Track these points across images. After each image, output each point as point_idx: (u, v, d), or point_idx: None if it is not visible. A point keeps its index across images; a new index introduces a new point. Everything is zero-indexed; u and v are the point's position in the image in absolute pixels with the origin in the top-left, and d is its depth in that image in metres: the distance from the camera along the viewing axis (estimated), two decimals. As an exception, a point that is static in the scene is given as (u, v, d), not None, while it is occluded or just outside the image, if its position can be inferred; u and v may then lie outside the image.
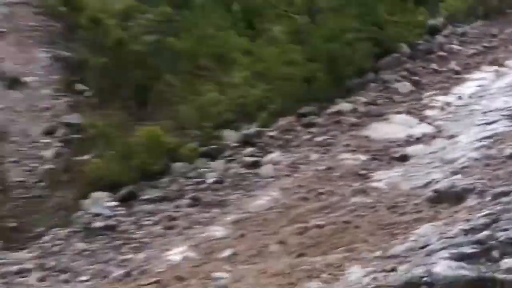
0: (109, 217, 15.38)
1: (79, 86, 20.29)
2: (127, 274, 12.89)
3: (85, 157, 17.45)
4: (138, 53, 19.76)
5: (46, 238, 15.44)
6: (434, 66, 17.89)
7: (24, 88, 20.33)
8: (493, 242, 9.48)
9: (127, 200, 15.94)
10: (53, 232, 15.56)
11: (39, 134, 18.90)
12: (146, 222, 15.00)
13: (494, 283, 8.50)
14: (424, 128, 15.24)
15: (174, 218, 14.89)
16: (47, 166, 17.88)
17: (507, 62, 16.82)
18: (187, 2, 20.79)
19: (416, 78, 17.40)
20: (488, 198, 11.41)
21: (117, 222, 15.22)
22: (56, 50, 21.60)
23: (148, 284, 11.98)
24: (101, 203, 15.88)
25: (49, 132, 18.90)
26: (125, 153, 16.67)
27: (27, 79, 20.70)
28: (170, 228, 14.51)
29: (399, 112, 16.15)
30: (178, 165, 16.45)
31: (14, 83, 20.56)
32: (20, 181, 17.60)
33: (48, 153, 18.34)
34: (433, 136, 14.85)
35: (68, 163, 17.68)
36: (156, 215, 15.14)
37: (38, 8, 23.22)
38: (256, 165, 15.78)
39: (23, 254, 14.99)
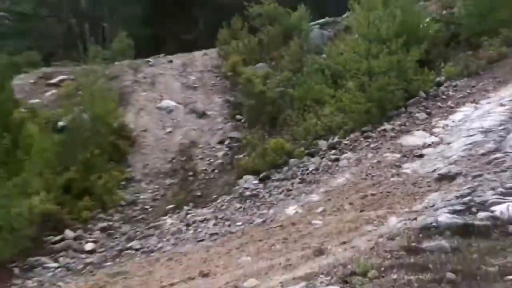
0: (254, 189, 15.63)
1: (238, 117, 20.43)
2: (263, 222, 13.09)
3: (240, 156, 17.56)
4: (271, 98, 19.83)
5: (217, 201, 15.60)
6: (438, 104, 17.68)
7: (207, 118, 20.52)
8: (473, 203, 9.39)
9: (264, 180, 16.16)
10: (221, 198, 15.70)
11: (215, 143, 18.99)
12: (274, 192, 15.16)
13: (473, 227, 8.37)
14: (432, 139, 15.14)
15: (290, 190, 15.09)
16: (219, 161, 18.03)
17: (481, 102, 16.57)
18: (299, 70, 20.79)
19: (428, 110, 17.26)
20: (470, 178, 11.27)
21: (258, 192, 15.44)
22: (225, 96, 21.73)
23: (275, 227, 12.01)
24: (249, 181, 15.98)
25: (221, 142, 19.15)
26: (262, 154, 16.78)
27: (209, 112, 20.89)
28: (288, 195, 14.69)
29: (418, 130, 16.04)
30: (292, 160, 16.62)
31: (202, 115, 20.76)
32: (203, 170, 17.72)
33: (220, 154, 18.52)
34: (438, 143, 14.71)
35: (231, 159, 17.82)
36: (280, 188, 15.32)
37: (217, 73, 23.33)
38: (337, 160, 15.89)
39: (204, 211, 15.10)
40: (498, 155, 12.01)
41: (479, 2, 21.58)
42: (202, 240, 12.67)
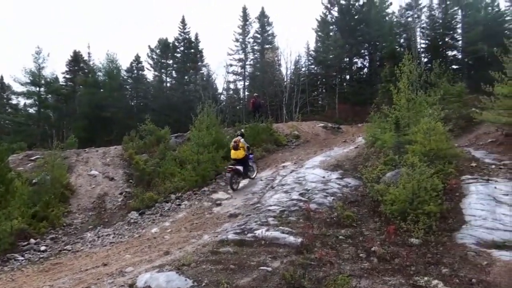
0: (135, 219, 14.47)
1: (131, 181, 19.25)
2: (139, 236, 12.30)
3: (131, 201, 16.46)
4: (148, 171, 19.00)
5: (116, 225, 14.35)
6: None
7: (114, 181, 19.38)
8: (245, 229, 9.16)
9: (141, 214, 14.88)
10: (118, 223, 14.56)
11: (118, 194, 17.75)
12: (146, 220, 14.05)
13: (245, 241, 8.16)
14: (227, 196, 14.73)
15: (154, 220, 13.86)
16: (119, 203, 16.71)
17: (261, 175, 16.34)
18: (163, 158, 20.07)
19: (226, 181, 16.87)
20: (244, 216, 11.13)
21: (137, 220, 14.28)
22: (125, 170, 20.61)
23: (145, 239, 11.40)
24: (134, 214, 14.91)
25: (120, 193, 17.58)
26: (142, 200, 15.71)
27: (116, 178, 19.69)
28: (153, 222, 13.57)
29: (220, 191, 15.63)
30: (157, 204, 15.56)
31: (112, 179, 19.42)
32: (110, 207, 16.28)
33: (119, 199, 16.97)
34: (230, 198, 14.39)
35: (125, 202, 16.62)
36: (149, 218, 14.23)
37: (121, 158, 22.23)
38: (179, 205, 15.12)
39: (108, 229, 13.96)
40: (258, 205, 11.98)
41: (251, 130, 22.11)
42: (105, 246, 11.78)
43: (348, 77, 46.50)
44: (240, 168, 15.58)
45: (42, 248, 12.48)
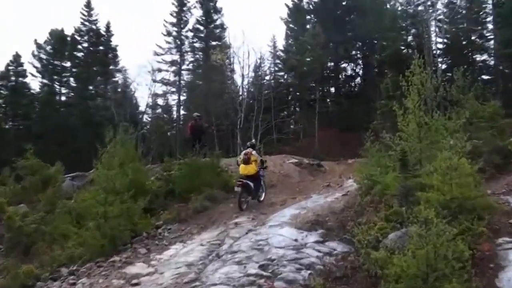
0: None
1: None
2: None
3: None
4: (29, 231, 18.70)
5: None
6: (156, 242, 17.45)
7: None
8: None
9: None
10: None
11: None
12: None
13: None
14: (150, 269, 14.33)
15: None
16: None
17: (188, 242, 16.46)
18: (52, 211, 19.86)
19: (148, 247, 16.70)
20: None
21: None
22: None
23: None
24: None
25: None
26: (15, 276, 15.30)
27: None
28: None
29: (139, 262, 15.25)
30: (39, 283, 15.01)
31: None
32: None
33: None
34: (153, 273, 13.96)
35: None
36: None
37: None
38: (74, 284, 14.33)
39: None
40: (197, 283, 11.78)
41: (188, 167, 22.10)
42: None
43: (333, 89, 47.37)
44: (251, 184, 18.30)
45: None
